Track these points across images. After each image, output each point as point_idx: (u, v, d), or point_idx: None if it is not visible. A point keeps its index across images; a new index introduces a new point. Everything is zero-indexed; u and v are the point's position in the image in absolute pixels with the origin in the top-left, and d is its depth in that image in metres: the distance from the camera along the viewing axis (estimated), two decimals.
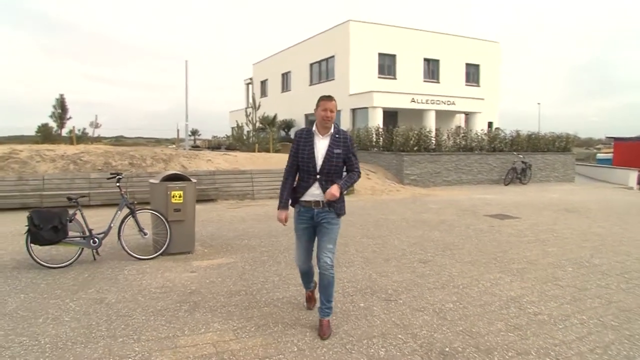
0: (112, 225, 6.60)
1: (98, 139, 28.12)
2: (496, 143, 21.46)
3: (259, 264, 6.49)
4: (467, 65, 30.31)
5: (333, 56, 28.04)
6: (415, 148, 18.97)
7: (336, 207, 4.07)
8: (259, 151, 20.05)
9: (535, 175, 21.08)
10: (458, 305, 4.88)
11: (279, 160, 15.94)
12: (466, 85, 30.16)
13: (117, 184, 6.75)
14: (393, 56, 27.67)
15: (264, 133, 25.09)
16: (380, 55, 27.29)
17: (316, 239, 4.18)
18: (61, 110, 21.30)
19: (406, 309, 4.76)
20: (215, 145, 31.45)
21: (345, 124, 26.01)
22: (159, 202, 6.79)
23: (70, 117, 21.29)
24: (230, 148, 28.72)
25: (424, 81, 28.74)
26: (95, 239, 6.47)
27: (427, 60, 28.92)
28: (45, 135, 28.24)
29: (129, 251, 6.64)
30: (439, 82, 29.16)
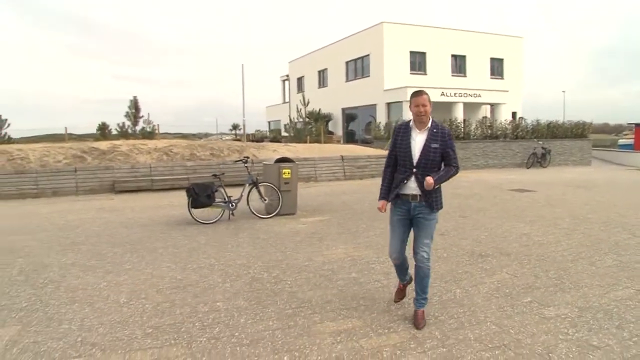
0: (242, 194, 9.44)
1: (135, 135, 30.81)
2: (519, 131, 23.91)
3: (346, 219, 9.27)
4: (492, 59, 32.63)
5: (368, 55, 30.67)
6: None
7: (432, 201, 4.14)
8: (310, 142, 22.94)
9: (554, 160, 23.47)
10: (488, 237, 7.58)
11: (332, 149, 18.80)
12: (491, 78, 32.48)
13: (245, 165, 9.59)
14: (423, 54, 30.21)
15: (312, 126, 27.97)
16: (412, 53, 29.86)
17: (412, 232, 4.28)
18: (135, 109, 24.46)
19: (455, 238, 7.50)
20: (259, 139, 34.29)
21: (382, 117, 28.62)
22: (273, 178, 9.60)
23: (142, 116, 24.48)
24: (273, 140, 31.43)
25: (452, 76, 31.20)
26: (233, 204, 9.31)
27: (454, 56, 31.35)
28: (103, 133, 30.76)
29: (255, 212, 9.47)
30: (465, 76, 31.57)
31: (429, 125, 4.11)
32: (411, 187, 4.12)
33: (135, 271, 6.03)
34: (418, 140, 4.10)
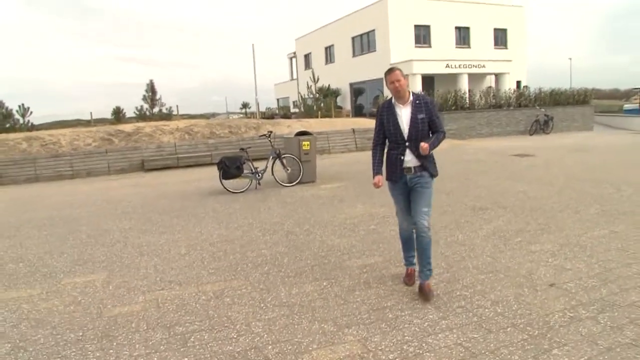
0: (267, 165, 10.47)
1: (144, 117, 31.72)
2: (522, 100, 24.71)
3: (361, 185, 10.29)
4: (495, 30, 33.17)
5: (373, 30, 31.35)
6: (453, 107, 22.49)
7: (429, 168, 4.24)
8: (321, 117, 23.92)
9: (557, 126, 24.28)
10: (488, 195, 8.59)
11: (343, 123, 19.79)
12: (495, 48, 33.07)
13: (269, 139, 10.60)
14: (427, 27, 30.85)
15: (322, 101, 28.89)
16: (416, 26, 30.51)
17: (411, 202, 4.35)
18: (151, 92, 25.53)
19: (458, 196, 8.52)
20: (269, 116, 35.18)
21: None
22: (294, 150, 10.61)
23: (159, 99, 25.54)
24: (284, 117, 32.24)
25: (457, 47, 31.83)
26: (259, 174, 10.34)
27: (458, 28, 31.94)
28: (117, 117, 31.77)
29: (279, 181, 10.51)
30: (470, 48, 32.19)
31: (411, 98, 4.20)
32: (407, 159, 4.21)
33: (186, 231, 7.11)
34: (404, 115, 4.18)
